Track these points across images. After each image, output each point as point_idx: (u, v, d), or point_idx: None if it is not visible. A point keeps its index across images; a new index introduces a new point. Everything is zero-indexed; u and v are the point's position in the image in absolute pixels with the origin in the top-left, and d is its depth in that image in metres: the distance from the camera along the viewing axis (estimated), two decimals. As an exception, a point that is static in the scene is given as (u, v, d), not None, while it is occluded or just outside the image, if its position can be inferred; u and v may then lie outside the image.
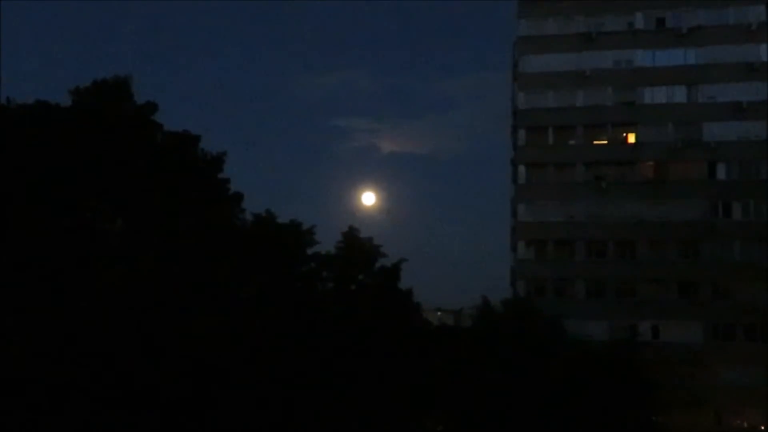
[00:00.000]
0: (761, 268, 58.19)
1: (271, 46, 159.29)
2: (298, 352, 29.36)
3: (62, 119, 27.40)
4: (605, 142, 64.02)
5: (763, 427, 56.94)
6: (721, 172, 61.61)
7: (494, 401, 38.56)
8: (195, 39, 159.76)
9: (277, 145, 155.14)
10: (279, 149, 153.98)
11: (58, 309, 23.40)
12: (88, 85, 28.82)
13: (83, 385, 23.19)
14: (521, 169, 64.44)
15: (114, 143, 26.71)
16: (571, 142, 64.04)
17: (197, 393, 25.03)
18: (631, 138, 63.98)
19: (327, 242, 37.48)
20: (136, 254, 25.68)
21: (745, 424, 57.55)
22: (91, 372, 23.14)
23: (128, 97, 29.07)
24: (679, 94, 63.15)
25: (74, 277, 24.22)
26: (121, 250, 26.14)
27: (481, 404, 38.73)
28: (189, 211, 27.67)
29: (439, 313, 68.69)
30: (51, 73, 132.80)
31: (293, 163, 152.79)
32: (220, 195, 31.01)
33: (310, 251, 36.26)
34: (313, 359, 29.85)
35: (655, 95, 63.54)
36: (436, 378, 35.94)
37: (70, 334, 23.46)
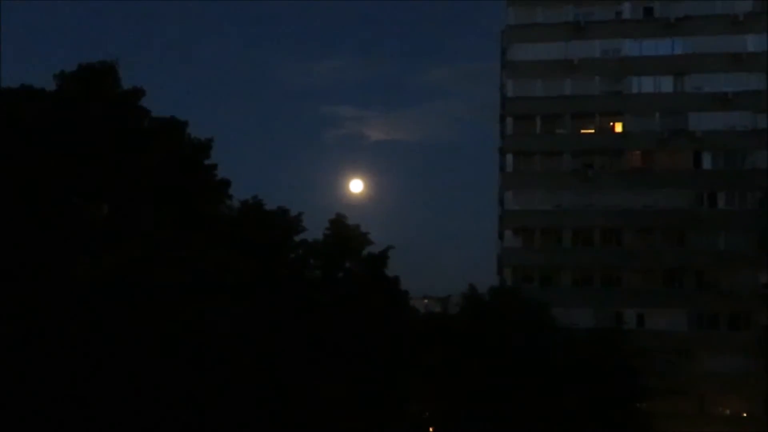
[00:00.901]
0: (746, 257, 58.69)
1: (259, 33, 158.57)
2: (285, 339, 29.41)
3: (47, 104, 27.19)
4: (593, 131, 64.26)
5: (745, 414, 57.56)
6: (706, 162, 62.01)
7: (480, 388, 38.77)
8: (183, 26, 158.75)
9: (264, 132, 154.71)
10: (266, 136, 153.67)
11: (42, 295, 23.31)
12: (74, 70, 28.57)
13: (68, 374, 23.15)
14: (509, 157, 64.61)
15: (99, 129, 26.55)
16: (559, 130, 64.24)
17: (182, 382, 25.00)
18: (618, 127, 64.24)
19: (314, 229, 37.51)
20: (122, 240, 25.58)
21: (728, 412, 58.16)
22: (76, 360, 23.08)
23: (114, 82, 28.84)
24: (666, 84, 63.42)
25: (59, 264, 24.13)
26: (107, 236, 26.04)
27: (467, 391, 38.93)
28: (175, 198, 27.58)
29: (426, 301, 68.85)
30: (36, 57, 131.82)
31: (281, 151, 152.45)
32: (207, 181, 30.90)
33: (297, 238, 36.24)
34: (299, 346, 29.91)
35: (643, 85, 63.80)
36: (423, 364, 36.10)
37: (55, 321, 23.39)
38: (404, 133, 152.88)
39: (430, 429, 41.92)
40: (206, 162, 31.21)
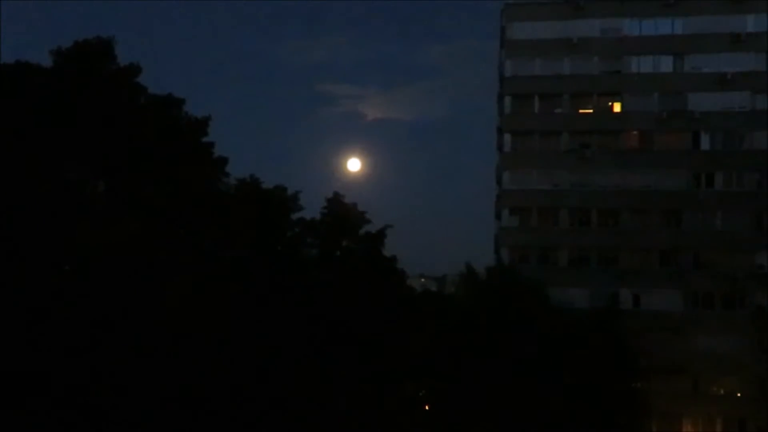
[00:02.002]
0: (742, 238, 58.82)
1: (257, 12, 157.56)
2: (282, 317, 29.48)
3: (43, 80, 27.04)
4: (591, 110, 64.08)
5: (739, 394, 57.95)
6: (704, 143, 61.90)
7: (476, 367, 38.95)
8: (180, 3, 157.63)
9: (261, 111, 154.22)
10: (263, 114, 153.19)
11: (40, 271, 23.32)
12: (70, 47, 28.39)
13: (69, 349, 23.22)
14: (507, 136, 64.45)
15: (96, 105, 26.43)
16: (557, 110, 64.05)
17: (179, 359, 25.07)
18: (617, 107, 64.04)
19: (312, 208, 37.50)
20: (119, 217, 25.55)
21: (722, 391, 58.53)
22: (76, 335, 23.14)
23: (111, 59, 28.68)
24: (665, 64, 63.16)
25: (56, 240, 24.12)
26: (104, 213, 26.00)
27: (462, 370, 39.11)
28: (172, 175, 27.51)
29: (422, 280, 69.15)
30: (32, 33, 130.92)
31: (278, 129, 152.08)
32: (204, 159, 30.83)
33: (294, 216, 36.25)
34: (296, 324, 29.98)
35: (642, 64, 63.53)
36: (419, 343, 36.23)
37: (52, 296, 23.42)
38: (401, 112, 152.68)
39: (426, 407, 42.16)
40: (203, 140, 31.13)
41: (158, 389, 24.38)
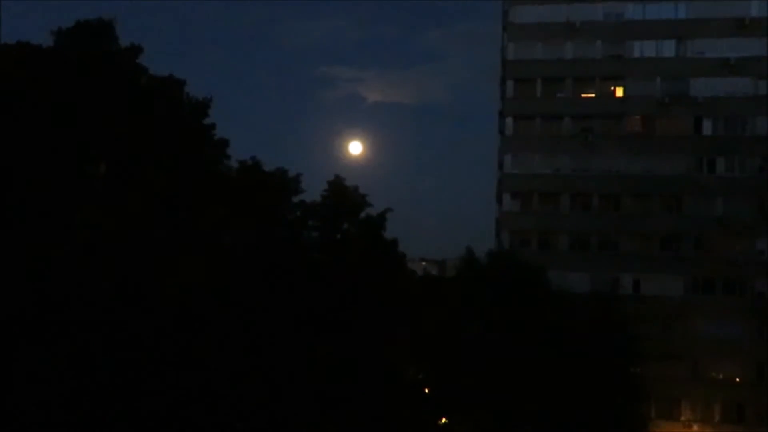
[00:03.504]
0: (743, 223, 58.78)
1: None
2: (282, 300, 29.49)
3: (44, 61, 26.92)
4: (593, 95, 63.90)
5: (738, 379, 58.11)
6: (707, 128, 61.75)
7: (476, 351, 39.02)
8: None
9: (261, 93, 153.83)
10: (264, 97, 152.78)
11: (40, 252, 23.31)
12: (71, 27, 28.26)
13: (69, 330, 23.24)
14: (508, 120, 64.29)
15: (97, 86, 26.33)
16: (559, 94, 63.86)
17: (181, 343, 25.09)
18: (619, 92, 63.85)
19: (313, 191, 37.45)
20: (120, 199, 25.51)
21: (721, 376, 58.70)
22: (73, 315, 23.15)
23: (112, 39, 28.55)
24: (668, 49, 62.92)
25: (57, 221, 24.09)
26: (106, 194, 25.96)
27: (463, 354, 39.19)
28: (173, 157, 27.45)
29: (423, 264, 69.14)
30: (33, 13, 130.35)
31: (278, 111, 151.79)
32: (205, 141, 30.75)
33: (295, 199, 36.21)
34: (297, 307, 30.01)
35: (644, 49, 63.30)
36: (419, 327, 36.28)
37: (52, 278, 23.41)
38: (402, 95, 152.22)
39: (425, 390, 42.26)
40: (204, 121, 31.04)
41: (159, 372, 24.42)
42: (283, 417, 27.90)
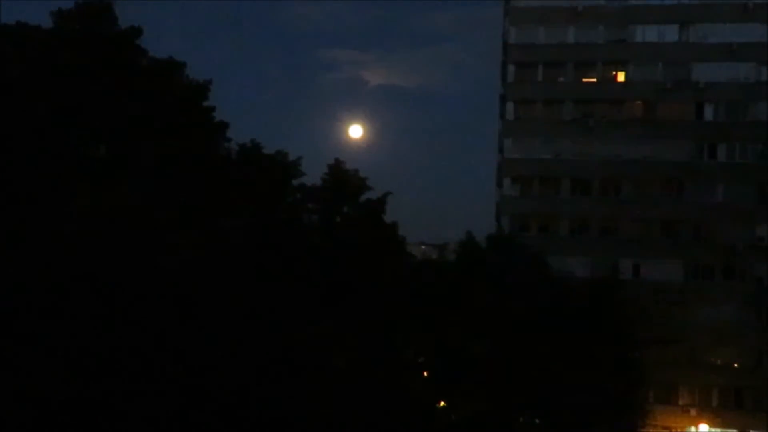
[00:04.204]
0: (743, 209, 58.80)
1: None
2: (282, 283, 29.54)
3: (43, 42, 26.84)
4: (594, 80, 63.74)
5: (736, 365, 58.32)
6: (708, 113, 61.68)
7: (475, 335, 39.13)
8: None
9: (261, 75, 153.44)
10: (264, 80, 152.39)
11: (38, 234, 23.33)
12: (71, 8, 28.15)
13: (68, 312, 23.30)
14: (509, 105, 64.21)
15: (96, 67, 26.26)
16: (561, 79, 63.70)
17: (179, 327, 25.14)
18: (621, 77, 63.72)
19: (313, 174, 37.41)
20: (120, 181, 25.50)
21: (719, 361, 58.90)
22: (73, 294, 23.21)
23: (111, 20, 28.43)
24: (671, 34, 62.70)
25: (56, 203, 24.10)
26: (105, 176, 25.94)
27: (461, 336, 39.30)
28: (172, 139, 27.41)
29: (423, 247, 69.20)
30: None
31: (279, 94, 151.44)
32: (205, 123, 30.68)
33: (295, 182, 36.16)
34: (296, 291, 30.06)
35: (647, 34, 63.07)
36: (418, 310, 36.37)
37: (53, 259, 23.46)
38: (403, 79, 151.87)
39: (424, 374, 42.41)
40: (204, 104, 30.96)
41: (157, 357, 24.49)
42: (280, 398, 28.01)
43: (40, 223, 23.47)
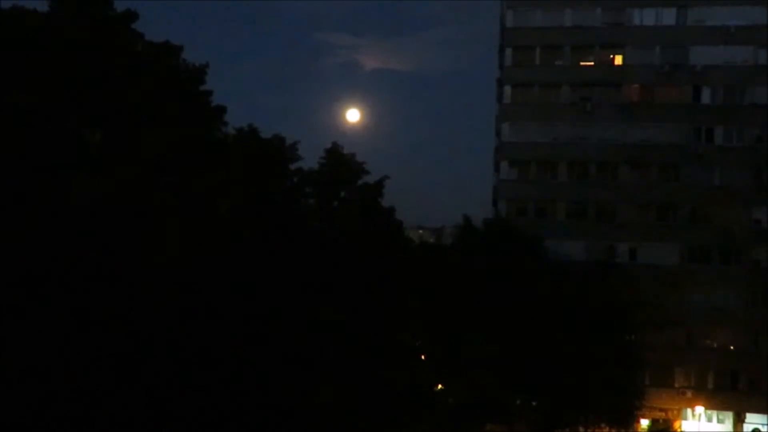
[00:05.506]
0: (740, 193, 58.88)
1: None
2: (279, 266, 29.59)
3: (39, 25, 26.70)
4: (592, 63, 63.61)
5: (732, 347, 58.59)
6: (705, 97, 61.58)
7: (471, 318, 39.30)
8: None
9: (258, 59, 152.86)
10: (260, 64, 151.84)
11: (35, 218, 23.32)
12: (67, -8, 27.97)
13: (67, 297, 23.32)
14: (507, 88, 64.08)
15: (92, 51, 26.15)
16: (558, 62, 63.56)
17: (174, 311, 25.16)
18: (618, 60, 63.57)
19: (310, 158, 37.44)
20: (116, 166, 25.46)
21: (715, 344, 59.16)
22: (68, 281, 23.22)
23: (107, 4, 28.29)
24: (668, 17, 62.46)
25: (52, 188, 24.06)
26: (102, 161, 25.89)
27: (458, 320, 39.47)
28: (169, 123, 27.35)
29: (420, 231, 69.38)
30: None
31: (275, 79, 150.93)
32: (202, 107, 30.60)
33: (292, 166, 36.18)
34: (293, 274, 30.11)
35: (644, 17, 62.85)
36: (416, 294, 36.48)
37: (51, 245, 23.45)
38: (400, 63, 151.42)
39: (422, 357, 42.62)
40: (201, 88, 30.86)
41: (154, 339, 24.53)
42: (281, 382, 28.13)
43: (38, 211, 23.45)
